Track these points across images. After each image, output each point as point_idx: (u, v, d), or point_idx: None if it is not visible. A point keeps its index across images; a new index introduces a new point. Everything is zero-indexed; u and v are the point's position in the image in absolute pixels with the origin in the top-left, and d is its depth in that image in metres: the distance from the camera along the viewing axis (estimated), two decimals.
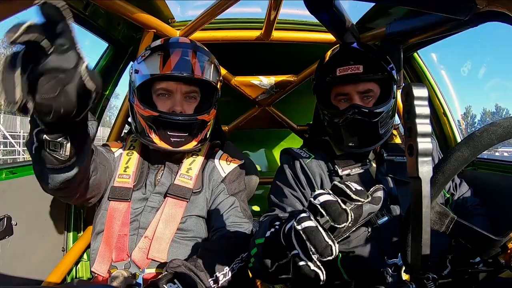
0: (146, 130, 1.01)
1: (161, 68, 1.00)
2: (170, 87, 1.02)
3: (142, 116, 1.01)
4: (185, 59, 1.02)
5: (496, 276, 0.64)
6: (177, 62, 1.00)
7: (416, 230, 0.49)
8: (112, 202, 1.03)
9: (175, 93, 1.03)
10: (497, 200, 1.15)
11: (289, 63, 1.62)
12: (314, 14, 1.11)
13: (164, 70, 0.99)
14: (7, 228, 1.07)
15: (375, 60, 1.03)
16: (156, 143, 1.01)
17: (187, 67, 1.01)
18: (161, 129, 1.00)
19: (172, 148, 1.01)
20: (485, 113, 53.58)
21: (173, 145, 1.01)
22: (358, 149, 1.02)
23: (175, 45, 1.07)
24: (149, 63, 1.02)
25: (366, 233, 0.96)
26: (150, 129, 1.01)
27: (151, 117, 0.99)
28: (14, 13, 0.55)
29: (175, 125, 1.00)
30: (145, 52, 1.05)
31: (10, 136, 12.87)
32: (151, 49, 1.05)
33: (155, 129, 1.00)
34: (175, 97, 1.03)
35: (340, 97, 1.03)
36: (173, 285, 0.80)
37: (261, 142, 2.33)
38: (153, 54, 1.03)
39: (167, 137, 1.00)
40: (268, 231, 0.73)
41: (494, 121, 0.58)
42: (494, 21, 0.96)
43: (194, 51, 1.05)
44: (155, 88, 1.03)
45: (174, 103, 1.02)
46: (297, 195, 1.01)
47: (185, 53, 1.03)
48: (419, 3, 0.81)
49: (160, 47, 1.05)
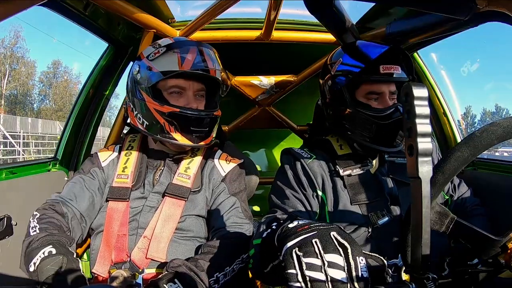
0: (165, 127, 1.01)
1: (180, 65, 1.00)
2: (183, 85, 1.02)
3: (161, 113, 1.00)
4: (202, 57, 1.03)
5: (496, 276, 0.63)
6: (195, 59, 1.01)
7: (416, 230, 0.49)
8: (111, 202, 1.03)
9: (188, 90, 1.03)
10: (497, 200, 1.15)
11: (289, 63, 1.62)
12: (314, 14, 1.11)
13: (183, 67, 1.00)
14: (7, 228, 1.07)
15: (408, 61, 1.03)
16: (177, 139, 1.01)
17: (204, 64, 1.02)
18: (184, 125, 1.00)
19: (192, 143, 1.02)
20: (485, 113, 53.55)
21: (194, 140, 1.02)
22: (388, 147, 1.01)
23: (187, 43, 1.07)
24: (165, 60, 1.01)
25: (367, 233, 0.96)
26: (171, 125, 1.00)
27: (172, 113, 0.99)
28: (14, 13, 0.55)
29: (198, 121, 1.01)
30: (158, 49, 1.03)
31: (10, 136, 12.87)
32: (165, 46, 1.04)
33: (177, 125, 1.00)
34: (187, 94, 1.03)
35: (373, 96, 1.01)
36: (174, 284, 0.80)
37: (261, 142, 2.33)
38: (169, 51, 1.02)
39: (190, 132, 1.01)
40: (265, 232, 0.73)
41: (494, 121, 0.58)
42: (494, 21, 0.96)
43: (206, 49, 1.06)
44: (168, 85, 1.02)
45: (188, 100, 1.03)
46: (299, 197, 1.01)
47: (200, 51, 1.04)
48: (419, 3, 0.81)
49: (175, 45, 1.05)
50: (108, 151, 1.15)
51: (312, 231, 0.54)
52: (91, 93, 1.52)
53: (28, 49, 27.43)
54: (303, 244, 0.52)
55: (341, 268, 0.50)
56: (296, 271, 0.51)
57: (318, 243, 0.52)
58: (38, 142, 15.89)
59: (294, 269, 0.51)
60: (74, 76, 30.09)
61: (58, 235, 0.89)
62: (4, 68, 25.20)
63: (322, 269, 0.50)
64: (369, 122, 0.99)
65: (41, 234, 0.87)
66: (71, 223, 0.98)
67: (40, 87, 29.29)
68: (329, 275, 0.49)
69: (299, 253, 0.51)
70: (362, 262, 0.51)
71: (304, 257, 0.51)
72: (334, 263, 0.50)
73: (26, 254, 0.84)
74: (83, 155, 1.53)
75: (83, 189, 1.04)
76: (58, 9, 1.14)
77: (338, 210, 0.99)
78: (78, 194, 1.03)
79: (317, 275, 0.50)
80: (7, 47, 25.58)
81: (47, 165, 1.41)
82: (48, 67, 29.84)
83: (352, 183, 1.02)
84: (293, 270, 0.51)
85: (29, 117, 20.88)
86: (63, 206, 1.00)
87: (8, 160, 11.86)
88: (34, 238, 0.86)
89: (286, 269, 0.52)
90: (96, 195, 1.05)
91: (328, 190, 1.02)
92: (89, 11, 1.21)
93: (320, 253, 0.51)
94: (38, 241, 0.85)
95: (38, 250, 0.82)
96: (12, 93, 27.06)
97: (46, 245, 0.83)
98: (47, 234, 0.87)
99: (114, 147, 1.17)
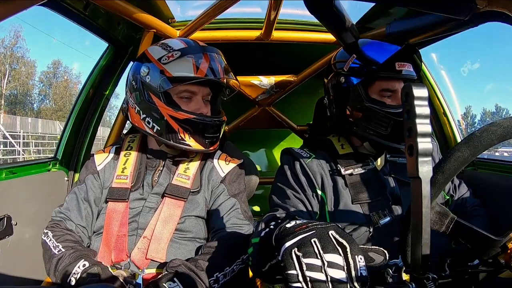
0: (179, 133, 1.01)
1: (195, 71, 1.00)
2: (194, 89, 1.03)
3: (174, 119, 1.00)
4: (215, 63, 1.04)
5: (496, 276, 0.63)
6: (209, 65, 1.03)
7: (416, 230, 0.49)
8: (110, 203, 1.03)
9: (197, 95, 1.04)
10: (497, 200, 1.15)
11: (289, 63, 1.62)
12: (314, 14, 1.11)
13: (198, 73, 1.00)
14: (7, 228, 1.07)
15: (418, 60, 1.05)
16: (191, 145, 1.02)
17: (217, 71, 1.04)
18: (199, 131, 1.02)
19: (205, 149, 1.04)
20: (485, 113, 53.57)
21: (207, 145, 1.04)
22: (399, 145, 1.00)
23: (200, 49, 1.06)
24: (180, 65, 1.00)
25: (368, 233, 0.96)
26: (185, 132, 1.01)
27: (187, 120, 1.00)
28: (14, 13, 0.55)
29: (212, 127, 1.03)
30: (172, 53, 1.01)
31: (10, 136, 12.87)
32: (180, 50, 1.02)
33: (192, 131, 1.01)
34: (197, 99, 1.04)
35: (387, 93, 1.02)
36: (173, 283, 0.80)
37: (261, 142, 2.33)
38: (183, 56, 1.01)
39: (204, 138, 1.03)
40: (263, 231, 0.73)
41: (494, 121, 0.58)
42: (494, 21, 0.96)
43: (218, 56, 1.07)
44: (179, 90, 1.02)
45: (200, 105, 1.04)
46: (300, 197, 1.01)
47: (212, 57, 1.05)
48: (419, 3, 0.81)
49: (188, 50, 1.03)
50: (104, 154, 1.15)
51: (310, 230, 0.54)
52: (91, 93, 1.53)
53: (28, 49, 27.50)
54: (302, 244, 0.52)
55: (341, 268, 0.50)
56: (296, 271, 0.51)
57: (317, 242, 0.52)
58: (38, 142, 15.89)
59: (294, 270, 0.51)
60: (74, 76, 30.13)
61: (82, 249, 0.97)
62: (4, 68, 25.19)
63: (322, 269, 0.50)
64: (386, 119, 0.99)
65: (69, 251, 0.94)
66: (78, 235, 1.03)
67: (40, 87, 29.33)
68: (329, 275, 0.50)
69: (298, 254, 0.51)
70: (361, 261, 0.52)
71: (304, 258, 0.51)
72: (333, 263, 0.50)
73: (59, 271, 0.90)
74: (83, 155, 1.53)
75: (79, 202, 1.06)
76: (58, 9, 1.14)
77: (339, 209, 0.99)
78: (76, 208, 1.06)
79: (317, 275, 0.50)
80: (7, 47, 25.62)
81: (47, 165, 1.41)
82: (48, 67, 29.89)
83: (353, 182, 1.02)
84: (294, 271, 0.51)
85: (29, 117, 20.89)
86: (67, 223, 1.04)
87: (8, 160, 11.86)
88: (64, 256, 0.92)
89: (286, 270, 0.52)
90: (92, 206, 1.06)
91: (328, 189, 1.02)
92: (89, 11, 1.21)
93: (320, 253, 0.51)
94: (69, 257, 0.92)
95: (74, 265, 0.88)
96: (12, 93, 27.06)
97: (78, 259, 0.90)
98: (74, 250, 0.94)
99: (110, 149, 1.16)
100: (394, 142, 1.00)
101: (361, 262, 0.51)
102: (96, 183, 1.08)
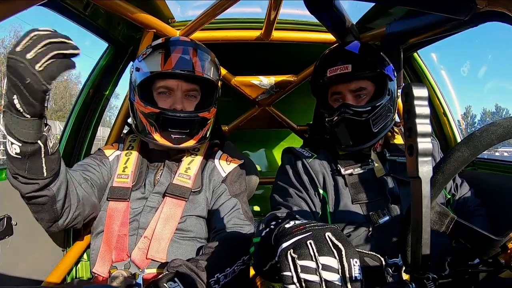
0: (147, 128, 1.01)
1: (162, 65, 1.00)
2: (171, 85, 1.03)
3: (143, 113, 1.01)
4: (186, 57, 1.02)
5: (496, 276, 0.63)
6: (178, 59, 1.00)
7: (416, 230, 0.49)
8: (111, 202, 1.03)
9: (176, 91, 1.03)
10: (497, 200, 1.15)
11: (289, 63, 1.62)
12: (314, 14, 1.11)
13: (165, 68, 0.99)
14: (7, 228, 1.07)
15: (363, 58, 1.04)
16: (157, 140, 1.01)
17: (188, 64, 1.01)
18: (162, 126, 1.00)
19: (172, 145, 1.01)
20: (485, 113, 53.61)
21: (174, 142, 1.01)
22: (352, 147, 1.02)
23: (176, 43, 1.07)
24: (150, 60, 1.02)
25: (367, 233, 0.96)
26: (151, 126, 1.01)
27: (152, 114, 0.99)
28: (14, 13, 0.55)
29: (176, 122, 1.00)
30: (146, 50, 1.06)
31: None
32: (152, 47, 1.05)
33: (156, 126, 1.00)
34: (175, 94, 1.03)
35: (335, 97, 1.05)
36: (174, 283, 0.80)
37: (261, 142, 2.33)
38: (154, 52, 1.03)
39: (168, 134, 1.00)
40: (264, 230, 0.73)
41: (494, 121, 0.58)
42: (494, 21, 0.96)
43: (195, 49, 1.05)
44: (156, 86, 1.03)
45: (175, 100, 1.02)
46: (302, 196, 1.02)
47: (186, 51, 1.03)
48: (419, 3, 0.81)
49: (161, 45, 1.06)
50: (113, 148, 1.15)
51: (307, 231, 0.54)
52: (91, 93, 1.52)
53: None
54: (297, 245, 0.52)
55: (335, 271, 0.50)
56: (291, 273, 0.51)
57: (313, 244, 0.52)
58: None
59: (289, 271, 0.51)
60: (74, 76, 30.12)
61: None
62: (4, 68, 25.17)
63: (317, 272, 0.50)
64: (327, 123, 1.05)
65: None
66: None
67: None
68: (323, 278, 0.50)
69: (294, 255, 0.51)
70: (356, 264, 0.52)
71: (299, 260, 0.51)
72: (328, 266, 0.50)
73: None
74: (83, 155, 1.53)
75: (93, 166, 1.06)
76: (58, 9, 1.14)
77: (339, 209, 0.99)
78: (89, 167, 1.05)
79: (311, 277, 0.50)
80: (7, 47, 25.58)
81: None
82: None
83: (353, 182, 1.02)
84: (288, 272, 0.51)
85: None
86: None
87: None
88: None
89: (282, 271, 0.52)
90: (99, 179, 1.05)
91: (330, 188, 1.02)
92: (89, 11, 1.21)
93: (315, 255, 0.51)
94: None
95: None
96: None
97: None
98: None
99: (118, 145, 1.17)
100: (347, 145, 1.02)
101: (356, 265, 0.51)
102: (108, 167, 1.08)
